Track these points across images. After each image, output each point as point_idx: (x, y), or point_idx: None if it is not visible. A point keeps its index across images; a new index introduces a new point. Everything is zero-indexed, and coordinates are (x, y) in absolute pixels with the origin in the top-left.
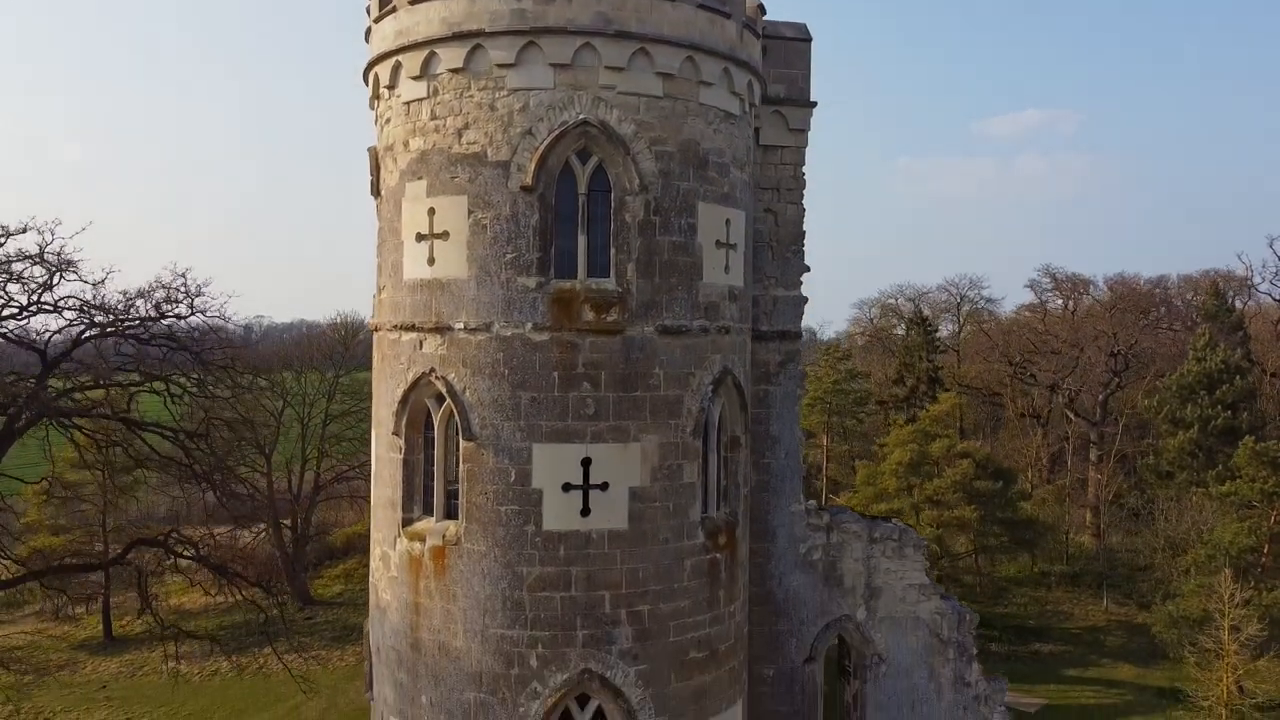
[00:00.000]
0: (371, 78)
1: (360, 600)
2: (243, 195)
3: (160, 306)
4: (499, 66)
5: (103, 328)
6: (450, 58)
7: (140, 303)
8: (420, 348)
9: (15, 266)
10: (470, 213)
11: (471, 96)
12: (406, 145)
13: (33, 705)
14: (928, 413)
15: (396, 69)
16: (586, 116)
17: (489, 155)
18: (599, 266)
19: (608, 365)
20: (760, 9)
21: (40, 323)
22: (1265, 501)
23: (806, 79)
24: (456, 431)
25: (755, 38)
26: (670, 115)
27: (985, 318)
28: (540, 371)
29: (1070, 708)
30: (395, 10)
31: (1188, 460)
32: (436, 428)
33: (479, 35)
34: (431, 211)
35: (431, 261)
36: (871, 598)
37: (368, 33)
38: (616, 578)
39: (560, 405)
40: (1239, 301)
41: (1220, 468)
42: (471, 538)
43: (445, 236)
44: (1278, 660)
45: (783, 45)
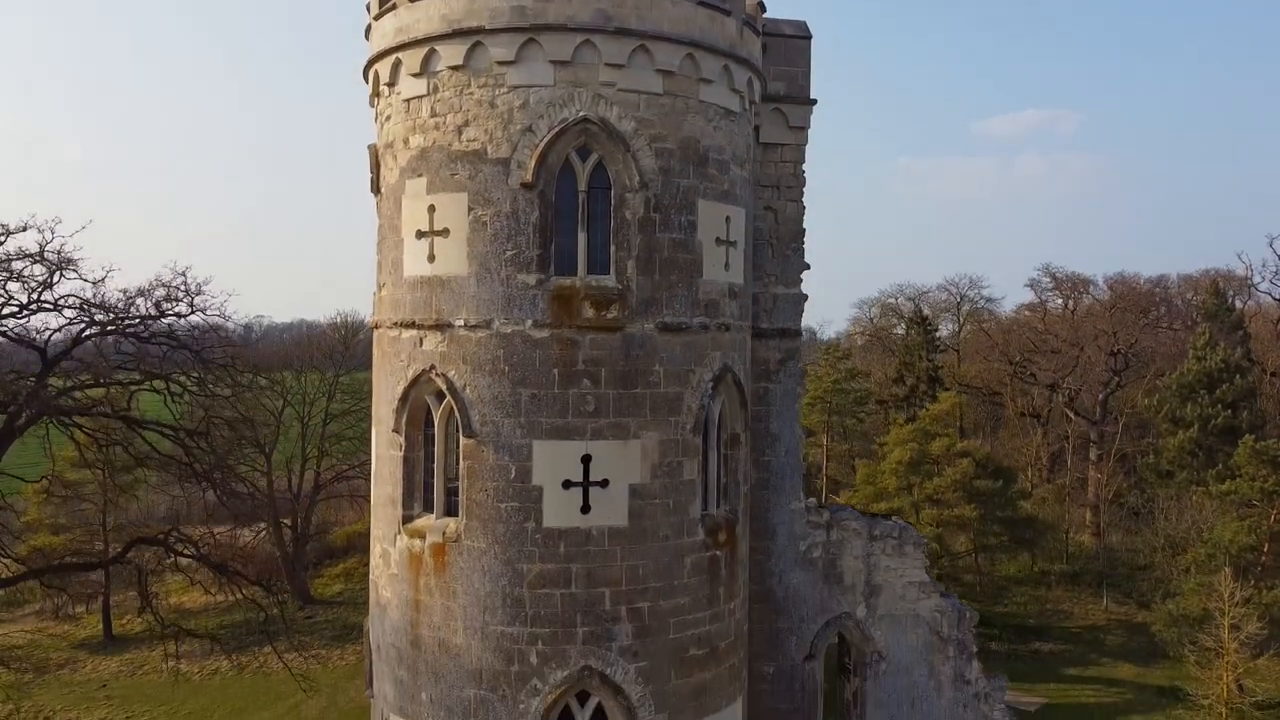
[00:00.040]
0: (371, 75)
1: (360, 599)
2: (243, 195)
3: (160, 305)
4: (499, 63)
5: (103, 326)
6: (450, 55)
7: (140, 301)
8: (420, 345)
9: (15, 265)
10: (470, 210)
11: (472, 93)
12: (406, 142)
13: (33, 704)
14: (928, 412)
15: (396, 66)
16: (587, 113)
17: (489, 152)
18: (599, 263)
19: (608, 362)
20: (760, 6)
21: (40, 321)
22: (1265, 500)
23: (806, 76)
24: (457, 429)
25: (755, 35)
26: (670, 112)
27: (985, 317)
28: (540, 368)
29: (1070, 706)
30: (395, 7)
31: (1188, 459)
32: (437, 425)
33: (479, 32)
34: (432, 208)
35: (432, 258)
36: (871, 595)
37: (368, 30)
38: (616, 575)
39: (560, 402)
40: (1239, 301)
41: (1220, 467)
42: (472, 535)
43: (445, 233)
44: (1278, 659)
45: (783, 42)
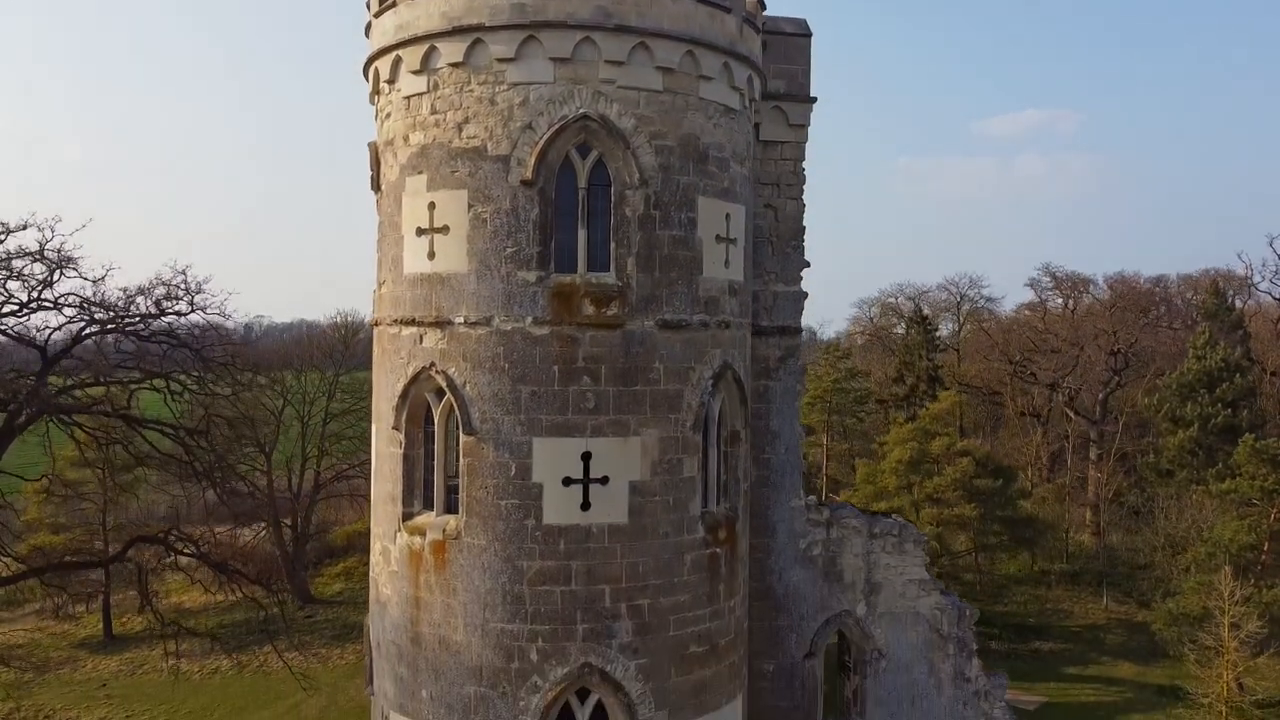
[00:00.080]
0: (371, 72)
1: (360, 598)
2: (243, 195)
3: (160, 303)
4: (499, 61)
5: (103, 324)
6: (450, 52)
7: (140, 299)
8: (420, 342)
9: (15, 263)
10: (470, 207)
11: (471, 91)
12: (406, 140)
13: (33, 703)
14: (928, 411)
15: (396, 63)
16: (586, 111)
17: (489, 149)
18: (599, 261)
19: (608, 359)
20: (760, 4)
21: (40, 319)
22: (1265, 499)
23: (806, 74)
24: (457, 426)
25: (755, 32)
26: (670, 110)
27: (985, 317)
28: (540, 365)
29: (1070, 705)
30: (395, 5)
31: (1187, 458)
32: (436, 422)
33: (479, 29)
34: (431, 206)
35: (432, 256)
36: (871, 593)
37: (368, 28)
38: (616, 572)
39: (560, 399)
40: (1239, 300)
41: (1220, 466)
42: (472, 532)
43: (445, 231)
44: (1277, 657)
45: (783, 40)
